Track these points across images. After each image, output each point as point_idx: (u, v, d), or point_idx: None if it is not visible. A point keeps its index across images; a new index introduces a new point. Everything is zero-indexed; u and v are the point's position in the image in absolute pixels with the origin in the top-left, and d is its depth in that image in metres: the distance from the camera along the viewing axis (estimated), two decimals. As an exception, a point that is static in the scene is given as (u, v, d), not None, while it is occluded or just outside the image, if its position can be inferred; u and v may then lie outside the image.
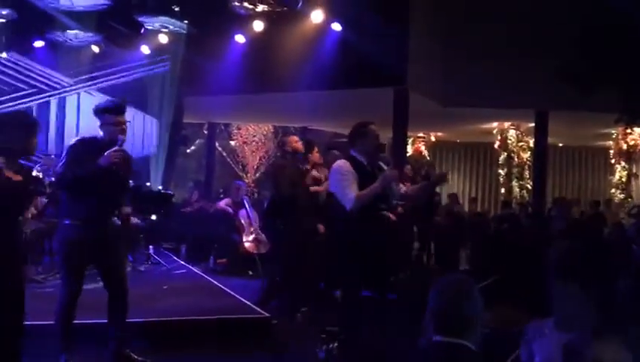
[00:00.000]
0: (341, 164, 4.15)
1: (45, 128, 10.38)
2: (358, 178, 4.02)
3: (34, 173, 3.75)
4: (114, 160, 3.83)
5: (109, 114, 3.97)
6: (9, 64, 10.16)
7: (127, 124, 4.06)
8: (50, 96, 10.62)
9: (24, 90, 10.33)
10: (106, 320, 4.11)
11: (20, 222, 3.52)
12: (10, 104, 9.91)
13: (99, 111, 4.02)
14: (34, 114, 10.19)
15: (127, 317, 4.12)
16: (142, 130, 11.20)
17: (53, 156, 8.28)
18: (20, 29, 9.43)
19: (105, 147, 3.88)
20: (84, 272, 4.04)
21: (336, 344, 3.83)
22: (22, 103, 10.23)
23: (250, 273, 7.68)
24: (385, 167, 4.22)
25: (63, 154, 4.00)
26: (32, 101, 10.44)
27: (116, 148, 3.86)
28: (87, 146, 3.94)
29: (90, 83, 10.85)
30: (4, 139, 3.30)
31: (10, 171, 3.29)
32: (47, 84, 10.63)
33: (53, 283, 6.15)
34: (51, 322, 3.94)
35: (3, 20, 9.20)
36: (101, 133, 4.02)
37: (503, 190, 14.07)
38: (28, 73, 10.38)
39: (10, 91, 10.04)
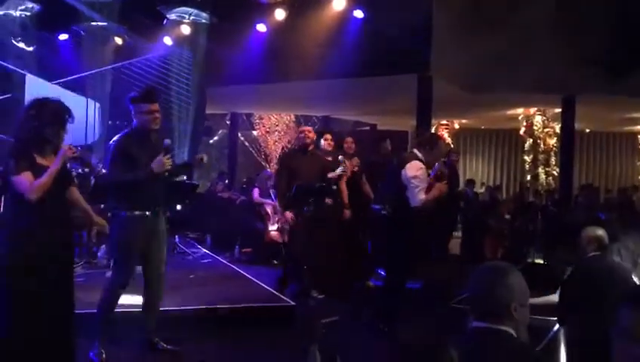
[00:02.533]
0: (420, 167, 4.78)
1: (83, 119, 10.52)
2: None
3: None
4: (167, 167, 3.92)
5: (142, 103, 3.99)
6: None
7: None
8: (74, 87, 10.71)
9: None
10: (137, 309, 4.16)
11: (67, 207, 3.57)
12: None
13: (131, 100, 4.05)
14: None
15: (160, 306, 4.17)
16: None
17: (79, 148, 8.35)
18: (44, 21, 9.54)
19: (144, 137, 3.97)
20: (136, 264, 4.11)
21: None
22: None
23: (275, 262, 7.69)
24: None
25: (109, 158, 4.03)
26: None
27: (167, 155, 3.95)
28: (132, 141, 3.98)
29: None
30: (37, 129, 3.32)
31: (44, 159, 3.34)
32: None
33: (80, 273, 6.26)
34: (85, 311, 4.00)
35: (28, 14, 9.32)
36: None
37: (528, 177, 13.88)
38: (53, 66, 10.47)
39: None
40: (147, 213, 4.00)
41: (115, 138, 4.04)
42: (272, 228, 8.19)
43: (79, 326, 3.72)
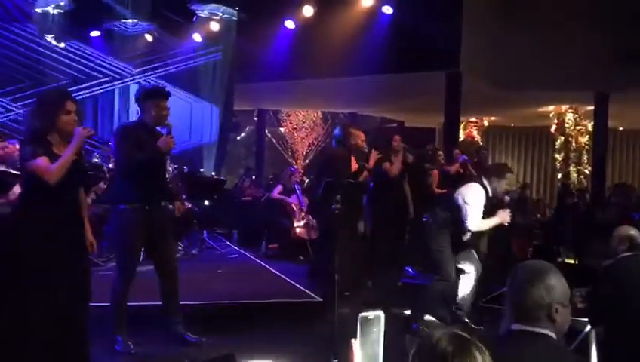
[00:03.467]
0: (479, 191, 4.79)
1: (109, 116, 10.71)
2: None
3: (94, 160, 3.84)
4: (171, 145, 3.94)
5: (151, 99, 4.05)
6: (68, 54, 10.44)
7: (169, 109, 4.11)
8: (109, 85, 10.89)
9: (83, 79, 10.62)
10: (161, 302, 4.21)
11: (79, 201, 3.58)
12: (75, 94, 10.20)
13: (141, 97, 4.10)
14: (98, 103, 10.54)
15: (180, 298, 4.19)
16: (198, 117, 11.38)
17: (110, 144, 8.50)
18: (76, 19, 9.70)
19: (152, 131, 4.00)
20: (138, 256, 4.14)
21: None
22: (85, 92, 10.53)
23: (301, 258, 7.71)
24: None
25: (116, 140, 4.07)
26: (94, 90, 10.73)
27: (170, 134, 3.97)
28: (138, 130, 4.03)
29: (145, 71, 11.06)
30: (35, 120, 3.38)
31: (58, 149, 3.34)
32: (106, 73, 10.90)
33: (110, 266, 6.35)
34: (108, 304, 4.06)
35: (61, 11, 9.49)
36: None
37: (559, 175, 13.64)
38: (86, 62, 10.67)
39: (68, 80, 10.33)
40: (146, 205, 3.99)
41: (118, 125, 4.10)
42: (298, 224, 8.21)
43: (104, 317, 3.79)
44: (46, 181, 3.22)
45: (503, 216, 4.83)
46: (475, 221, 4.74)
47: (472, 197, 4.73)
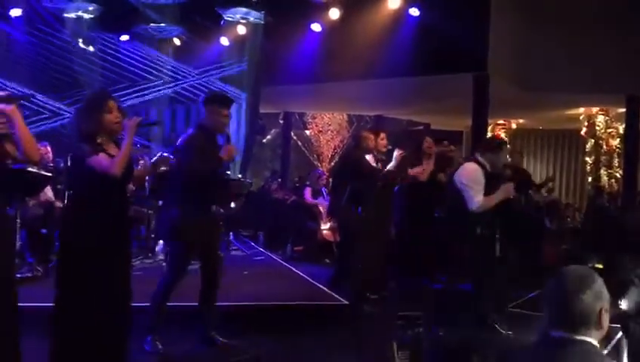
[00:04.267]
0: (476, 170, 4.71)
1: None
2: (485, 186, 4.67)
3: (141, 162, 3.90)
4: (233, 154, 4.13)
5: (216, 105, 4.14)
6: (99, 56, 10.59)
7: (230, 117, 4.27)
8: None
9: (121, 82, 10.74)
10: (194, 304, 4.24)
11: (127, 199, 3.72)
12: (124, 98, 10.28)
13: (207, 101, 4.20)
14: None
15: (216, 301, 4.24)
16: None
17: (138, 146, 8.61)
18: (106, 23, 9.87)
19: (212, 138, 4.12)
20: (190, 260, 4.22)
21: (420, 329, 3.87)
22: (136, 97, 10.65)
23: (327, 261, 7.71)
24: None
25: (183, 150, 4.13)
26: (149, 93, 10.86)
27: (229, 142, 4.14)
28: (201, 139, 4.10)
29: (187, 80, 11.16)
30: (82, 124, 3.44)
31: (111, 148, 3.43)
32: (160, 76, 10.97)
33: (139, 267, 6.43)
34: (141, 304, 4.10)
35: (91, 15, 9.66)
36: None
37: (589, 179, 13.40)
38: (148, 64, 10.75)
39: (105, 83, 10.45)
40: (199, 209, 4.08)
41: (185, 135, 4.15)
42: (325, 227, 8.21)
43: (135, 318, 3.83)
44: (111, 175, 3.29)
45: (507, 190, 4.71)
46: (478, 200, 4.60)
47: (469, 177, 4.64)
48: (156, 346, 4.04)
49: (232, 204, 8.85)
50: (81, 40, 10.04)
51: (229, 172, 8.11)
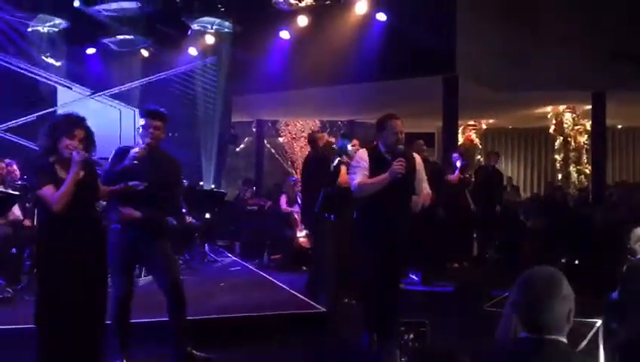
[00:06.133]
0: (359, 153, 4.47)
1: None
2: (375, 167, 4.23)
3: None
4: (141, 154, 3.87)
5: (145, 118, 4.02)
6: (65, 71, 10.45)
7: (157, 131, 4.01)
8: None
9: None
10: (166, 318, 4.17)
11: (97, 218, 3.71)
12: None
13: (141, 115, 4.12)
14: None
15: (186, 314, 4.15)
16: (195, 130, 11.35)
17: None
18: (72, 37, 9.73)
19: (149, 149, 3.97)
20: (132, 273, 4.18)
21: (412, 335, 3.85)
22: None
23: (304, 268, 7.67)
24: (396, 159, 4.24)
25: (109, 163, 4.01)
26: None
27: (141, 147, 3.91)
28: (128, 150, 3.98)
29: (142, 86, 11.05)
30: (41, 142, 3.48)
31: (65, 173, 3.42)
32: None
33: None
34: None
35: (56, 30, 9.51)
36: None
37: (559, 176, 13.63)
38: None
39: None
40: (136, 222, 3.95)
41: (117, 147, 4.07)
42: (301, 234, 8.18)
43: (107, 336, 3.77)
44: (53, 212, 3.36)
45: (391, 170, 4.12)
46: (355, 184, 4.20)
47: (351, 166, 4.39)
48: (192, 355, 4.08)
49: (207, 215, 8.78)
50: (46, 55, 9.89)
51: (201, 183, 8.05)
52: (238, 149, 18.61)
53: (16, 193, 5.72)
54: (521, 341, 1.84)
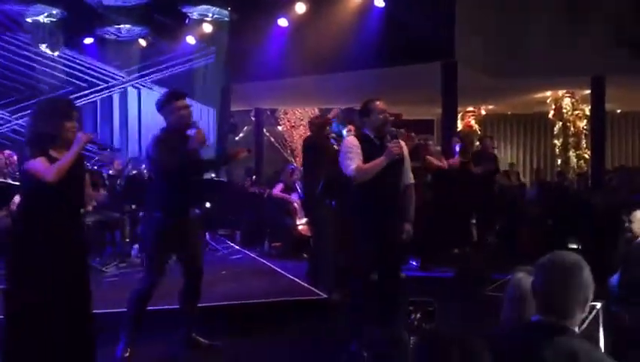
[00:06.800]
0: (349, 139, 4.30)
1: (109, 122, 10.76)
2: (366, 153, 4.09)
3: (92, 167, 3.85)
4: (202, 139, 3.96)
5: (170, 102, 4.06)
6: (63, 61, 10.44)
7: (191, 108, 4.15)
8: (106, 90, 10.90)
9: (82, 86, 10.62)
10: (174, 307, 4.21)
11: (79, 210, 3.59)
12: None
13: (161, 105, 4.10)
14: (98, 108, 10.61)
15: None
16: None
17: (108, 151, 8.50)
18: (69, 27, 9.68)
19: (181, 134, 4.01)
20: (167, 263, 4.15)
21: (419, 315, 3.81)
22: (83, 99, 10.55)
23: (305, 255, 7.70)
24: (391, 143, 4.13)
25: (152, 150, 4.02)
26: (90, 96, 10.74)
27: (198, 129, 3.99)
28: (170, 136, 4.01)
29: (140, 76, 11.07)
30: (39, 126, 3.36)
31: (58, 154, 3.33)
32: (101, 79, 10.91)
33: (114, 272, 6.36)
34: (114, 310, 4.06)
35: (53, 19, 9.46)
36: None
37: (559, 161, 13.64)
38: (81, 69, 10.68)
39: (62, 87, 10.32)
40: (177, 211, 4.03)
41: (151, 138, 4.08)
42: (300, 222, 8.21)
43: (109, 324, 3.78)
44: (45, 181, 3.20)
45: (388, 151, 4.02)
46: (352, 170, 4.04)
47: (341, 153, 4.19)
48: (126, 350, 3.95)
49: (207, 204, 8.79)
50: (44, 45, 9.85)
51: (213, 175, 8.08)
52: (237, 138, 18.61)
53: (17, 183, 5.72)
54: (532, 325, 1.84)
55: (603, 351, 3.48)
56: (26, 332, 3.25)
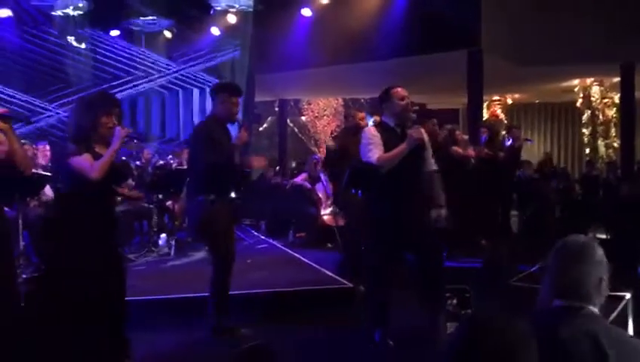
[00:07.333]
0: (367, 130, 4.24)
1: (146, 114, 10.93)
2: (387, 141, 4.05)
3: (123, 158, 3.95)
4: (245, 139, 4.17)
5: (227, 93, 4.23)
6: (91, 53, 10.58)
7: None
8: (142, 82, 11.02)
9: (122, 77, 10.75)
10: (205, 294, 4.29)
11: (113, 199, 3.73)
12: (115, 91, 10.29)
13: (217, 90, 4.29)
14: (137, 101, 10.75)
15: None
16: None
17: (135, 141, 8.60)
18: (96, 19, 9.82)
19: (224, 126, 4.21)
20: (227, 238, 4.30)
21: (455, 301, 3.80)
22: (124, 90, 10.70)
23: (329, 245, 7.73)
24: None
25: (195, 140, 4.24)
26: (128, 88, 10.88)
27: (242, 127, 4.22)
28: (213, 128, 4.16)
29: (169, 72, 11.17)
30: (78, 120, 3.47)
31: (101, 149, 3.44)
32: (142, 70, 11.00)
33: (143, 261, 6.47)
34: (141, 298, 4.13)
35: (80, 12, 9.60)
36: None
37: (587, 150, 13.42)
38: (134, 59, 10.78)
39: (93, 79, 10.45)
40: (226, 198, 4.23)
41: (195, 126, 4.23)
42: (325, 212, 8.23)
43: (134, 313, 3.85)
44: (89, 178, 3.31)
45: (410, 138, 3.99)
46: (374, 160, 3.98)
47: (362, 145, 4.11)
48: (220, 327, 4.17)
49: (232, 194, 8.86)
50: (72, 38, 10.00)
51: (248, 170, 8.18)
52: (261, 129, 18.69)
53: (48, 174, 5.84)
54: (552, 309, 1.85)
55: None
56: (66, 319, 3.34)
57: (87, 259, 3.34)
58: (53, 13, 9.75)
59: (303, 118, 18.24)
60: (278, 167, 12.54)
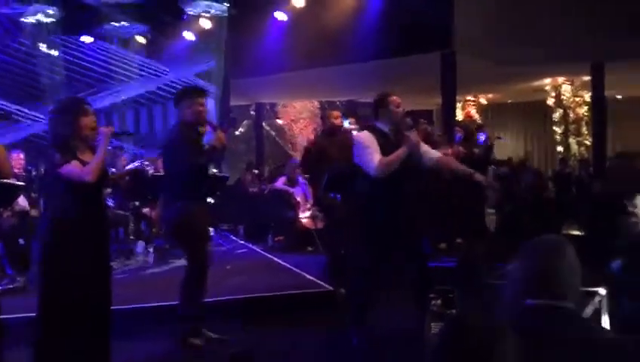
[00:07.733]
0: (363, 135, 4.22)
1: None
2: (384, 147, 4.05)
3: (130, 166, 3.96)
4: (223, 141, 4.17)
5: (188, 98, 4.18)
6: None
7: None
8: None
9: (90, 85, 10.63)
10: (178, 302, 4.25)
11: (103, 204, 3.77)
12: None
13: (178, 99, 4.25)
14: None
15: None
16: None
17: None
18: (67, 25, 9.70)
19: (195, 130, 4.17)
20: (205, 242, 4.32)
21: (439, 301, 3.83)
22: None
23: (309, 249, 7.74)
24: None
25: (168, 147, 4.22)
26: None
27: (217, 130, 4.21)
28: (188, 131, 4.14)
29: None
30: (58, 128, 3.43)
31: (86, 155, 3.43)
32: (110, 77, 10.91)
33: (121, 268, 6.40)
34: (122, 307, 4.10)
35: (52, 19, 9.48)
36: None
37: (560, 148, 13.65)
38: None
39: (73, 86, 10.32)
40: (202, 203, 4.29)
41: (167, 134, 4.22)
42: (303, 215, 8.24)
43: (114, 321, 3.82)
44: (85, 182, 3.30)
45: (409, 142, 4.03)
46: (375, 165, 3.98)
47: (359, 149, 4.10)
48: (207, 336, 4.15)
49: (209, 199, 8.81)
50: (44, 45, 9.86)
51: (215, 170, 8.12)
52: (237, 133, 18.61)
53: (22, 183, 5.75)
54: (527, 309, 1.86)
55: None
56: (60, 329, 3.34)
57: (83, 261, 3.37)
58: (23, 20, 9.60)
59: (280, 121, 18.22)
60: (256, 170, 12.50)
